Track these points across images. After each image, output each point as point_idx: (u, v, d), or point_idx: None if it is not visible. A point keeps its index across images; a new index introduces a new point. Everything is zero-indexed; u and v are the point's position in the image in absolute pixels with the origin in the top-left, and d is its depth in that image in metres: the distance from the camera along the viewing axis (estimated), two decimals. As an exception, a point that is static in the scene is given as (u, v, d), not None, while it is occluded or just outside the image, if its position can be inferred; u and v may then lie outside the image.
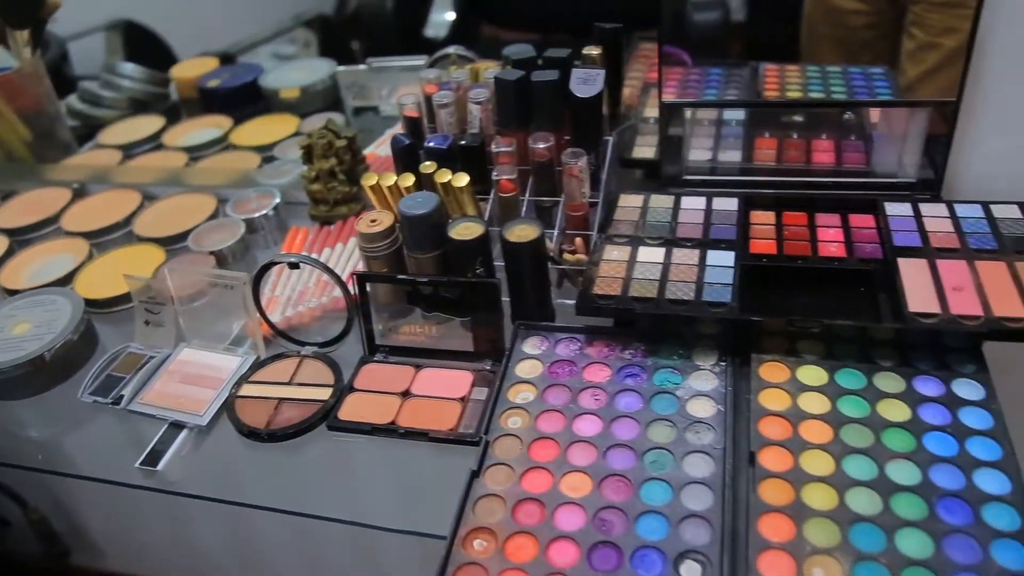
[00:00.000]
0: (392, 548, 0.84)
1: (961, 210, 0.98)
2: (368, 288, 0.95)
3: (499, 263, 0.95)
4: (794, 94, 1.09)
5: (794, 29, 1.09)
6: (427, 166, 0.98)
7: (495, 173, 0.98)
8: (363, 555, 0.93)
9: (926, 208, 0.99)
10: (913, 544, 0.70)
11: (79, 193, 1.39)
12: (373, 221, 0.95)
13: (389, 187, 0.97)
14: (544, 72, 1.00)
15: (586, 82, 0.97)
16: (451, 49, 1.37)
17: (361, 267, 1.00)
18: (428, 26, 2.35)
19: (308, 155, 1.18)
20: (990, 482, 0.74)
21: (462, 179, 0.96)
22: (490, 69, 1.10)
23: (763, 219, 1.02)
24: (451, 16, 2.34)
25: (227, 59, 1.77)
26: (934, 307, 0.85)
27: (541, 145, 0.99)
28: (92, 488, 1.16)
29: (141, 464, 0.90)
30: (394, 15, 2.27)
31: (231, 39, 2.10)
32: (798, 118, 1.18)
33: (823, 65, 1.10)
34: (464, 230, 0.92)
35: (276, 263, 0.96)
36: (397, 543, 0.82)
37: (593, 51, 1.08)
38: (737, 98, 1.12)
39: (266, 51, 2.26)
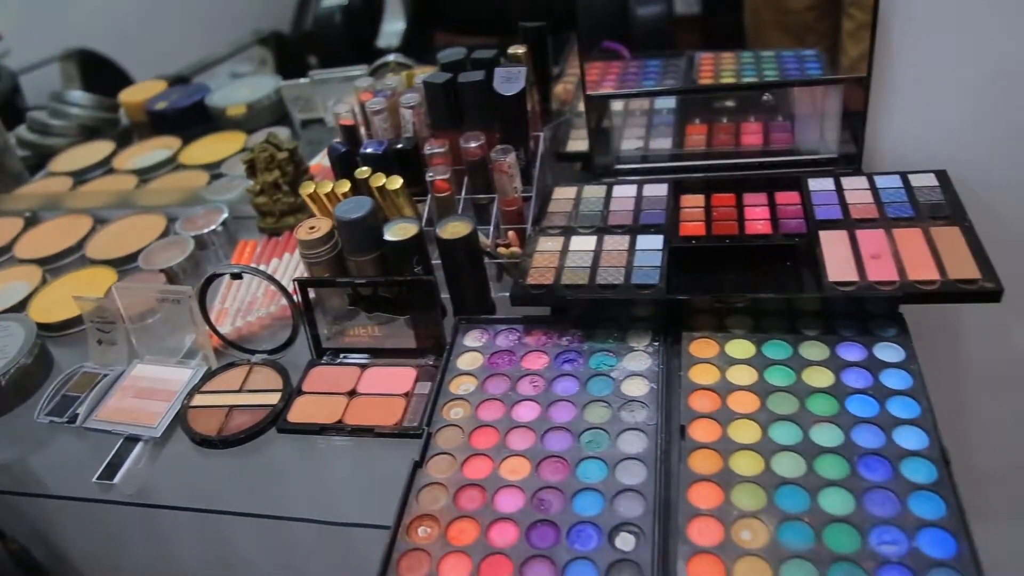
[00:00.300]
0: (353, 540, 0.87)
1: (881, 181, 1.02)
2: (313, 294, 0.98)
3: (438, 261, 0.98)
4: (728, 80, 1.11)
5: (739, 17, 1.12)
6: (362, 171, 1.01)
7: (429, 174, 1.01)
8: (326, 547, 0.95)
9: (848, 181, 1.03)
10: (835, 502, 0.73)
11: (31, 221, 1.41)
12: (312, 228, 0.97)
13: (326, 194, 1.00)
14: (471, 73, 1.03)
15: (508, 80, 1.00)
16: (391, 57, 1.40)
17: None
18: (380, 37, 2.38)
19: (252, 169, 1.20)
20: (909, 439, 0.78)
21: (396, 182, 0.98)
22: (421, 74, 1.13)
23: (693, 202, 1.05)
24: (401, 26, 2.37)
25: (181, 81, 1.79)
26: (852, 275, 0.88)
27: (473, 144, 1.02)
28: (67, 512, 1.18)
29: (98, 479, 0.92)
30: (344, 28, 2.30)
31: (188, 61, 2.12)
32: (729, 103, 1.21)
33: (757, 50, 1.14)
34: (400, 231, 0.95)
35: (219, 275, 0.98)
36: (356, 535, 0.85)
37: (518, 50, 1.11)
38: (667, 87, 1.14)
39: (224, 71, 2.27)
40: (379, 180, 0.99)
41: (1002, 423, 1.29)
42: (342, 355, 0.99)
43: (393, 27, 2.38)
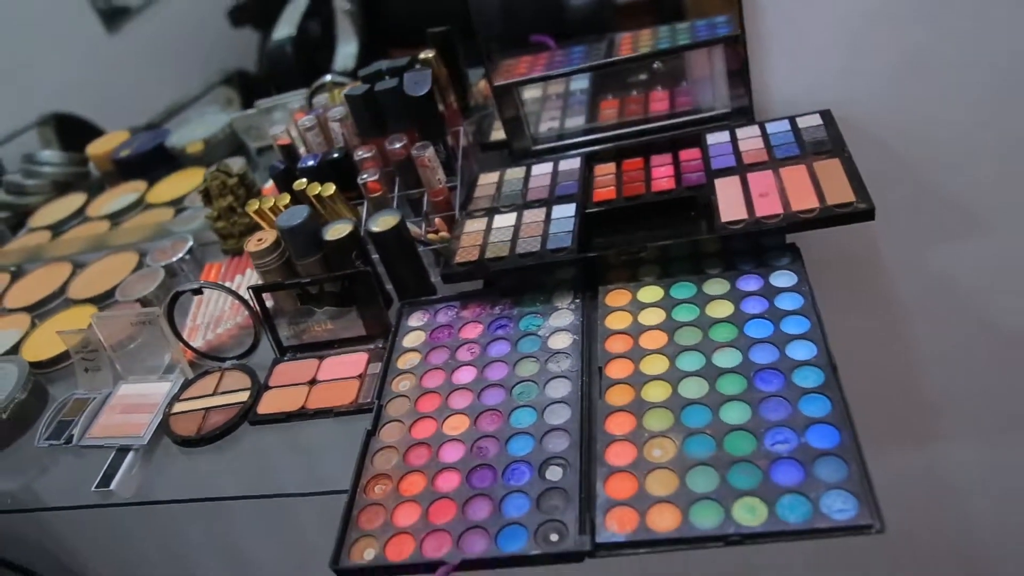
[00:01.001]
0: (328, 506, 0.96)
1: (771, 128, 1.11)
2: (270, 301, 1.08)
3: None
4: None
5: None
6: (299, 183, 1.10)
7: (362, 177, 1.11)
8: (306, 518, 1.05)
9: (742, 132, 1.11)
10: (734, 414, 0.82)
11: (17, 274, 1.52)
12: (259, 240, 1.07)
13: (270, 208, 1.10)
14: (385, 82, 1.13)
15: (416, 83, 1.10)
16: (328, 78, 1.50)
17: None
18: (337, 60, 2.47)
19: (207, 197, 1.30)
20: (800, 351, 0.86)
21: (329, 188, 1.08)
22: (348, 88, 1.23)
23: (605, 171, 1.14)
24: (354, 47, 2.45)
25: (151, 128, 1.89)
26: (742, 214, 0.97)
27: (396, 145, 1.12)
28: (78, 531, 1.28)
29: (97, 487, 1.02)
30: (296, 58, 2.39)
31: (158, 109, 2.22)
32: (643, 76, 1.30)
33: (673, 24, 1.22)
34: (337, 231, 1.05)
35: (182, 292, 1.08)
36: (328, 502, 0.94)
37: (428, 54, 1.20)
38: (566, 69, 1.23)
39: (194, 114, 2.37)
40: (315, 189, 1.09)
41: (940, 346, 1.36)
42: (298, 352, 1.09)
43: (347, 49, 2.47)
